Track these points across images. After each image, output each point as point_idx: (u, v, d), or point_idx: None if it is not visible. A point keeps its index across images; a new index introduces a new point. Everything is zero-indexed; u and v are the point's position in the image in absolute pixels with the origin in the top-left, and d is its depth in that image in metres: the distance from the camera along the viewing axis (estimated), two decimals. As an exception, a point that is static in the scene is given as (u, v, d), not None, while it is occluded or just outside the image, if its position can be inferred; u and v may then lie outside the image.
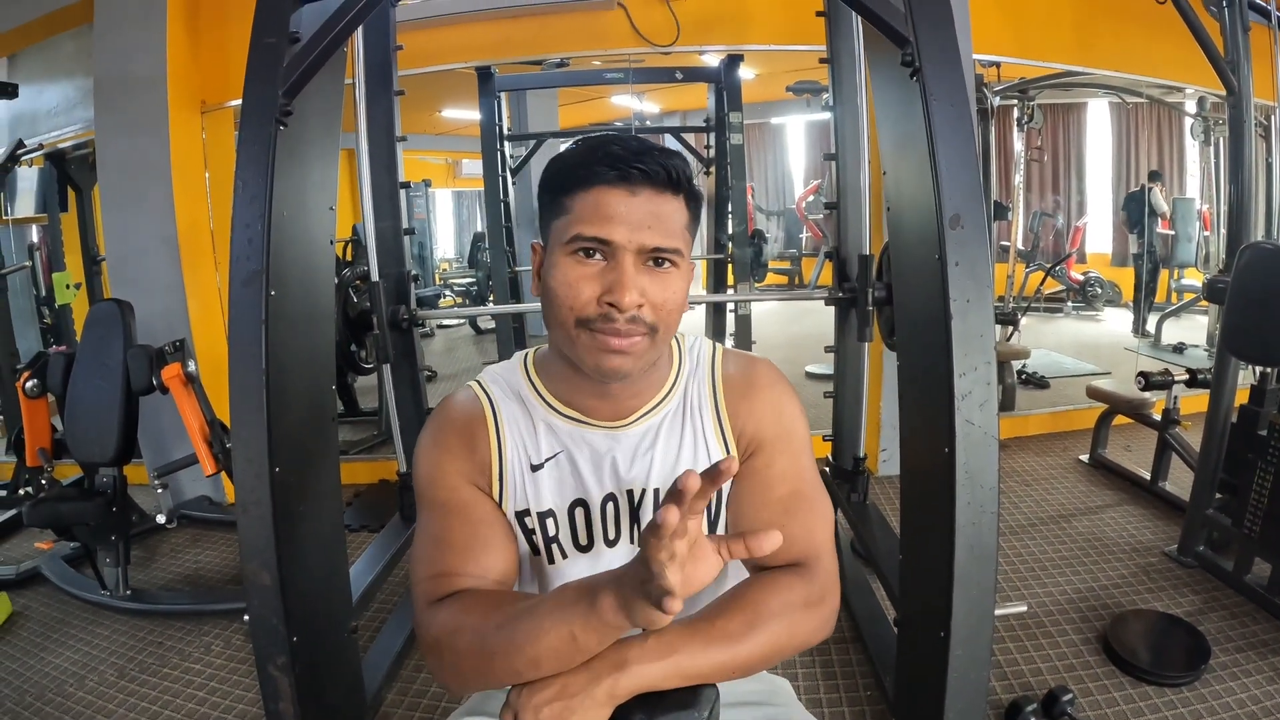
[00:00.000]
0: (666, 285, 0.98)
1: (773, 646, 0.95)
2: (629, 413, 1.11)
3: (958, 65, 1.67)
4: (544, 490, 1.10)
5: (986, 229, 1.65)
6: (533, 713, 0.84)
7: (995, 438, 1.62)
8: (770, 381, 1.15)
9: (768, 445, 1.11)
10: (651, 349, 1.01)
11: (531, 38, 3.90)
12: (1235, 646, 2.41)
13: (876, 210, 2.44)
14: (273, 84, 1.80)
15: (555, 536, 1.11)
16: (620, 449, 1.10)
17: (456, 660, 0.94)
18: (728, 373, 1.15)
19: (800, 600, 0.99)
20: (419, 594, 1.03)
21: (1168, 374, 3.33)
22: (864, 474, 3.01)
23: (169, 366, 2.79)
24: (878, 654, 2.38)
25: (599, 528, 1.11)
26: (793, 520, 1.06)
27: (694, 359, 1.17)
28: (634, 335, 0.97)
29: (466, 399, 1.13)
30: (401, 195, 2.89)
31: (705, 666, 0.89)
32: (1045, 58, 4.25)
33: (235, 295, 1.76)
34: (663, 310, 0.99)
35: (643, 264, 0.97)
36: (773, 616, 0.96)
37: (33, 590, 3.15)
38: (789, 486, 1.09)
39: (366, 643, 2.60)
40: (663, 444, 1.11)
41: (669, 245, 0.97)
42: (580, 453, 1.10)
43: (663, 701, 0.86)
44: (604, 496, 1.10)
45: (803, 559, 1.04)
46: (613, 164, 0.95)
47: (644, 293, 0.96)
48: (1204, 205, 6.45)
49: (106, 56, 3.72)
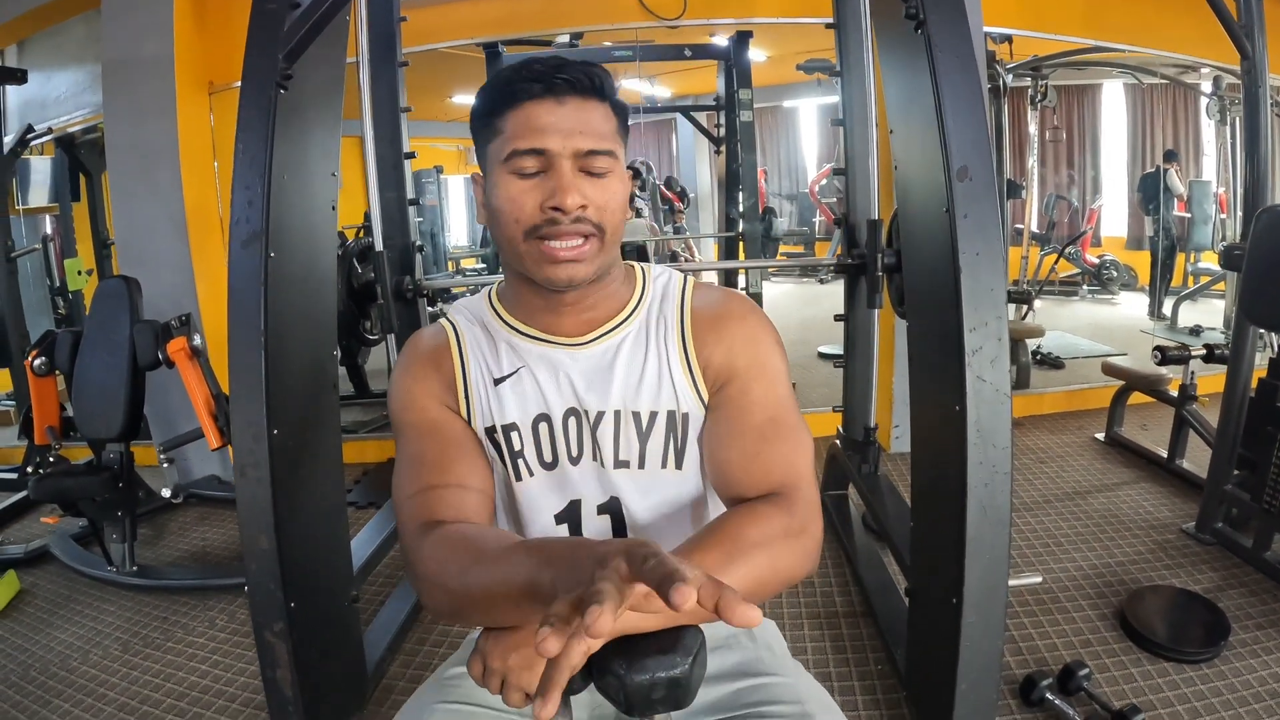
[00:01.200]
0: (605, 189, 1.01)
1: (754, 580, 0.90)
2: (587, 329, 1.11)
3: (962, 16, 1.64)
4: (507, 404, 1.11)
5: (995, 181, 1.61)
6: (500, 659, 0.81)
7: (1008, 395, 1.59)
8: (742, 312, 1.13)
9: (741, 373, 1.09)
10: (601, 252, 1.03)
11: (538, 12, 3.89)
12: (1255, 624, 2.37)
13: (885, 178, 2.41)
14: (273, 49, 1.81)
15: (520, 451, 1.12)
16: (579, 366, 1.11)
17: (432, 595, 0.94)
18: (697, 304, 1.14)
19: (780, 530, 0.95)
20: (403, 517, 1.03)
21: (1185, 348, 3.27)
22: (874, 445, 2.97)
23: (175, 340, 2.79)
24: (888, 627, 2.35)
25: (562, 443, 1.11)
26: (771, 448, 1.04)
27: (659, 287, 1.16)
28: (581, 237, 1.00)
29: (432, 329, 1.18)
30: (406, 165, 2.87)
31: None
32: (1057, 30, 4.20)
33: (235, 257, 1.76)
34: (605, 211, 1.01)
35: (578, 170, 0.99)
36: (753, 547, 0.91)
37: (41, 568, 3.16)
38: (766, 414, 1.06)
39: (370, 615, 2.59)
40: (623, 366, 1.10)
41: (601, 147, 0.99)
42: (540, 368, 1.11)
43: (641, 646, 0.78)
44: (565, 411, 1.11)
45: (781, 489, 1.01)
46: (537, 78, 0.98)
47: (584, 195, 0.99)
48: (1220, 188, 6.38)
49: (114, 39, 3.72)
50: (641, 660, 0.77)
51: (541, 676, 0.64)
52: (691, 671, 0.78)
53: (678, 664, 0.77)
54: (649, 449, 1.10)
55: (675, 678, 0.77)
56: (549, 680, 0.63)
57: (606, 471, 1.11)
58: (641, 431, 1.10)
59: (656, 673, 0.76)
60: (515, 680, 0.80)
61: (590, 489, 1.12)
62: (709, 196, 6.65)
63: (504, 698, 0.82)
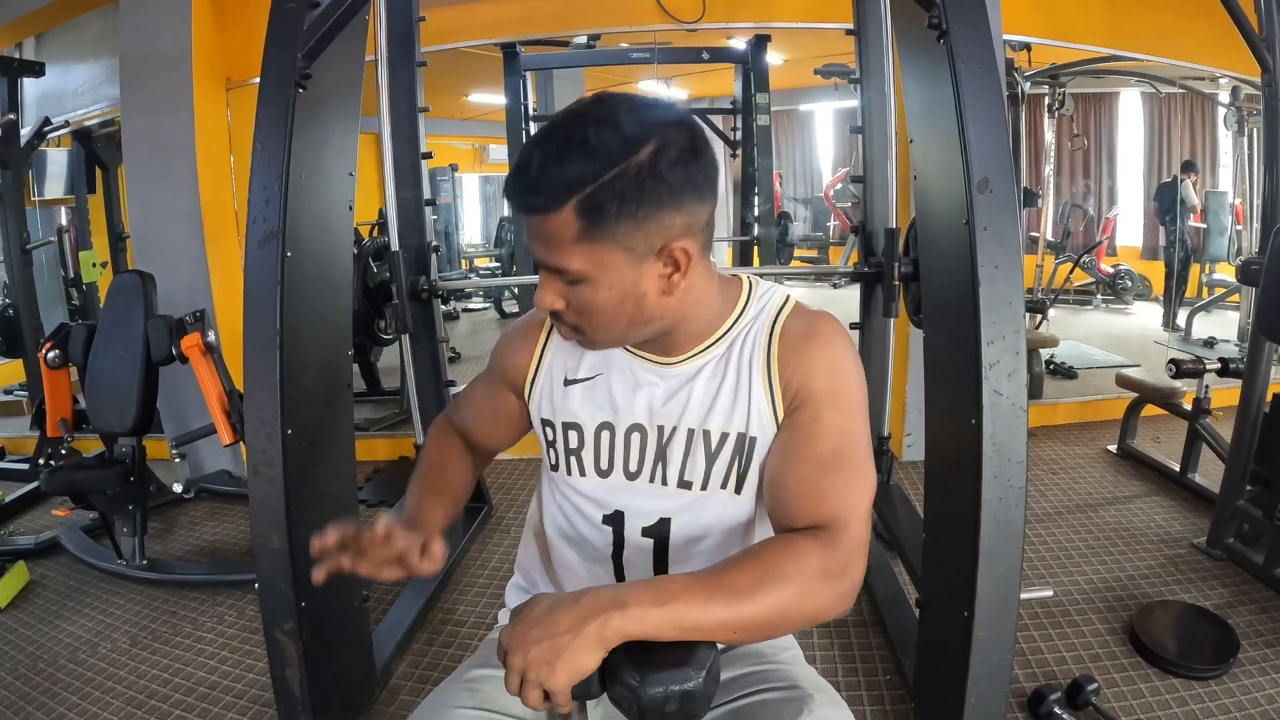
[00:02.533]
0: (578, 295, 0.99)
1: (780, 611, 0.88)
2: (678, 353, 1.11)
3: (985, 27, 1.63)
4: (573, 404, 1.16)
5: (1016, 194, 1.61)
6: (521, 653, 0.80)
7: (1024, 409, 1.58)
8: (829, 335, 1.09)
9: (815, 398, 1.05)
10: (610, 338, 1.06)
11: (556, 13, 3.88)
12: (1265, 641, 2.35)
13: (904, 185, 2.41)
14: (292, 47, 1.82)
15: (577, 450, 1.16)
16: (660, 384, 1.11)
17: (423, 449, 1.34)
18: (789, 324, 1.10)
19: (818, 567, 0.91)
20: (449, 407, 1.46)
21: (1199, 362, 3.25)
22: (887, 454, 2.96)
23: (189, 336, 2.79)
24: (898, 637, 2.34)
25: (620, 455, 1.13)
26: (829, 480, 1.00)
27: (759, 305, 1.13)
28: (570, 327, 1.05)
29: (540, 317, 1.23)
30: (423, 165, 2.88)
31: (704, 622, 0.83)
32: (1076, 39, 4.17)
33: (251, 255, 1.76)
34: (584, 315, 1.01)
35: (554, 276, 1.00)
36: (785, 579, 0.88)
37: (51, 560, 3.17)
38: (832, 444, 1.02)
39: (380, 615, 2.59)
40: (702, 385, 1.10)
41: (554, 263, 0.97)
42: (620, 378, 1.13)
43: (656, 658, 0.79)
44: (630, 425, 1.12)
45: (830, 523, 0.97)
46: (510, 196, 0.99)
47: (564, 298, 1.00)
48: (1237, 199, 6.35)
49: (132, 34, 3.73)
50: (655, 673, 0.77)
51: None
52: (704, 684, 0.78)
53: (691, 677, 0.77)
54: (714, 470, 1.09)
55: (689, 690, 0.77)
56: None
57: (668, 489, 1.11)
58: (710, 452, 1.09)
59: (670, 685, 0.77)
60: (534, 676, 0.79)
61: (640, 506, 1.12)
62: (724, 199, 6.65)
63: (523, 697, 0.81)
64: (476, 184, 8.56)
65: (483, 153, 8.19)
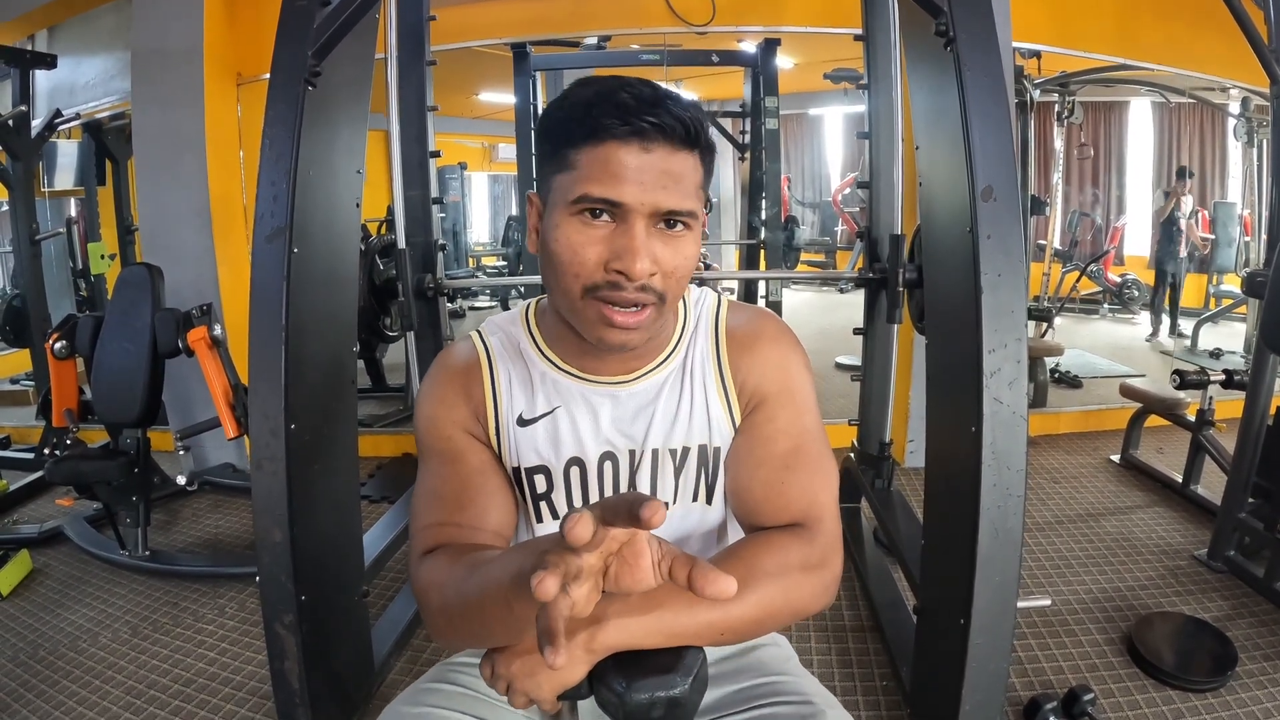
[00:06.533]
0: (679, 250, 0.90)
1: (766, 609, 0.89)
2: (630, 371, 1.06)
3: (992, 35, 1.64)
4: (537, 445, 1.06)
5: (1020, 202, 1.61)
6: (505, 665, 0.80)
7: (1024, 418, 1.58)
8: (775, 335, 1.09)
9: (770, 400, 1.05)
10: (658, 319, 0.94)
11: (567, 14, 3.89)
12: (1263, 654, 2.34)
13: (910, 192, 2.40)
14: (302, 45, 1.82)
15: (546, 494, 1.07)
16: (620, 407, 1.06)
17: (432, 617, 0.94)
18: (731, 326, 1.09)
19: (798, 562, 0.93)
20: (414, 545, 1.01)
21: (1204, 373, 3.25)
22: (889, 460, 2.96)
23: (195, 329, 2.81)
24: (895, 643, 2.34)
25: (595, 488, 1.07)
26: (793, 478, 1.01)
27: (697, 311, 1.11)
28: (642, 306, 0.91)
29: (464, 349, 1.10)
30: (431, 164, 2.88)
31: (691, 626, 0.83)
32: (1086, 48, 4.17)
33: (258, 251, 1.77)
34: (673, 278, 0.91)
35: (654, 227, 0.88)
36: (767, 577, 0.89)
37: (54, 549, 3.19)
38: (791, 443, 1.04)
39: (379, 610, 2.60)
40: (664, 403, 1.06)
41: (684, 208, 0.88)
42: (578, 409, 1.06)
43: (642, 665, 0.79)
44: (601, 455, 1.06)
45: (803, 519, 0.99)
46: (624, 116, 0.85)
47: (655, 258, 0.88)
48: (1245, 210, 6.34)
49: (144, 28, 3.75)
50: (641, 679, 0.77)
51: (540, 627, 0.63)
52: (690, 691, 0.78)
53: (677, 684, 0.77)
54: (681, 484, 1.08)
55: (674, 697, 0.77)
56: (552, 629, 0.63)
57: None
58: (675, 467, 1.07)
59: (656, 692, 0.76)
60: (519, 686, 0.79)
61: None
62: (731, 202, 6.66)
63: (509, 700, 0.81)
64: (485, 183, 8.57)
65: (492, 151, 8.20)
